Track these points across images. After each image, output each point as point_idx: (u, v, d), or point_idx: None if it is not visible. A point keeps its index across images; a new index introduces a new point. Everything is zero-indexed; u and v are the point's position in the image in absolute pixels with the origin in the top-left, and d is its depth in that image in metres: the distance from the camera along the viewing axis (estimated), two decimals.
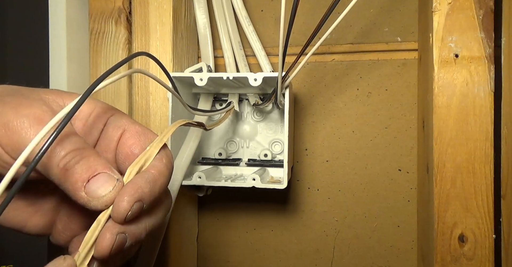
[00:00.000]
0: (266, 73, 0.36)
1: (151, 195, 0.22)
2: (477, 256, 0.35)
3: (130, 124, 0.25)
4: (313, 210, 0.47)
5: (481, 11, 0.35)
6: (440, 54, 0.36)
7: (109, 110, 0.26)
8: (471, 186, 0.35)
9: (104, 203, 0.21)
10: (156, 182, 0.23)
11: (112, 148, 0.25)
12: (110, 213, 0.21)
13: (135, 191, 0.21)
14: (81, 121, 0.25)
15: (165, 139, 0.25)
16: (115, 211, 0.21)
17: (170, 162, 0.25)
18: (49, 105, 0.23)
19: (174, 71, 0.42)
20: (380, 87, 0.45)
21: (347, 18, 0.44)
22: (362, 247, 0.46)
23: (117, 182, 0.22)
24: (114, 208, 0.21)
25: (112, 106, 0.26)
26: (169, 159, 0.25)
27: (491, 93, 0.35)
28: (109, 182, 0.21)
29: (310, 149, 0.47)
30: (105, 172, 0.22)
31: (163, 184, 0.24)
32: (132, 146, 0.24)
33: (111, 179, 0.22)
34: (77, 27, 0.44)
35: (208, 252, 0.50)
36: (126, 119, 0.25)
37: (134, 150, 0.24)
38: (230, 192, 0.48)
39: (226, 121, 0.46)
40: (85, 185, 0.21)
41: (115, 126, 0.25)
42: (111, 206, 0.21)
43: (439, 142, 0.36)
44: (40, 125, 0.20)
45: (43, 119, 0.21)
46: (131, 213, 0.21)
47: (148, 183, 0.22)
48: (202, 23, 0.45)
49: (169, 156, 0.25)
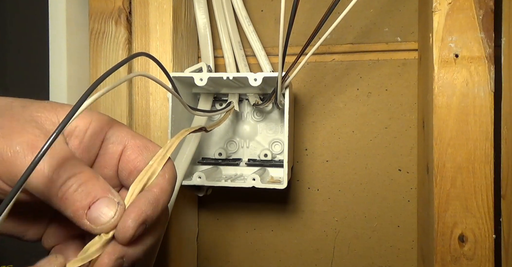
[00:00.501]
0: (266, 73, 0.36)
1: (153, 216, 0.22)
2: (477, 256, 0.35)
3: (130, 139, 0.25)
4: (313, 210, 0.47)
5: (481, 11, 0.35)
6: (440, 54, 0.36)
7: (107, 123, 0.25)
8: (471, 186, 0.35)
9: (107, 229, 0.21)
10: (159, 201, 0.23)
11: (113, 164, 0.25)
12: (112, 234, 0.22)
13: (139, 215, 0.22)
14: (78, 138, 0.24)
15: (169, 154, 0.25)
16: (119, 235, 0.21)
17: (173, 177, 0.25)
18: (42, 127, 0.22)
19: (174, 71, 0.42)
20: (380, 87, 0.45)
21: (347, 18, 0.44)
22: (362, 247, 0.46)
23: (118, 206, 0.22)
24: (119, 232, 0.21)
25: (109, 118, 0.25)
26: (172, 173, 0.25)
27: (491, 93, 0.35)
28: (110, 207, 0.21)
29: (310, 149, 0.47)
30: (105, 196, 0.22)
31: (165, 202, 0.24)
32: (135, 161, 0.24)
33: (112, 203, 0.22)
34: (77, 27, 0.44)
35: (208, 252, 0.50)
36: (126, 132, 0.25)
37: (137, 166, 0.24)
38: (230, 192, 0.48)
39: (226, 121, 0.46)
40: (87, 212, 0.21)
41: (115, 141, 0.25)
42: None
43: (439, 142, 0.36)
44: (34, 152, 0.20)
45: (36, 145, 0.21)
46: (135, 236, 0.21)
47: (151, 205, 0.22)
48: (202, 23, 0.45)
49: (172, 171, 0.25)
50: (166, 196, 0.24)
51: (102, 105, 0.43)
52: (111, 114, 0.43)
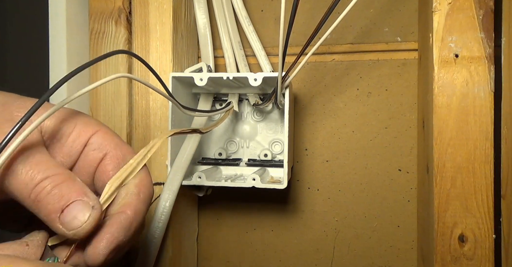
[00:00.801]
0: (266, 73, 0.36)
1: (126, 240, 0.22)
2: (477, 256, 0.35)
3: (112, 148, 0.24)
4: (313, 210, 0.47)
5: (481, 11, 0.35)
6: (440, 54, 0.36)
7: (92, 128, 0.24)
8: (471, 186, 0.35)
9: (81, 233, 0.21)
10: (132, 224, 0.22)
11: (90, 172, 0.24)
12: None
13: (111, 242, 0.21)
14: (59, 142, 0.23)
15: (150, 154, 0.24)
16: (89, 260, 0.21)
17: (149, 196, 0.24)
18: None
19: (174, 71, 0.42)
20: (380, 87, 0.45)
21: (347, 18, 0.44)
22: (362, 247, 0.46)
23: (92, 210, 0.21)
24: (89, 258, 0.21)
25: (96, 122, 0.25)
26: (148, 192, 0.24)
27: (491, 93, 0.35)
28: (84, 211, 0.21)
29: (310, 149, 0.47)
30: (79, 199, 0.21)
31: (139, 224, 0.23)
32: (111, 174, 0.24)
33: (86, 207, 0.21)
34: (77, 27, 0.44)
35: (208, 252, 0.50)
36: (110, 140, 0.24)
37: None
38: (230, 192, 0.48)
39: (226, 121, 0.46)
40: (60, 216, 0.20)
41: (97, 148, 0.24)
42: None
43: (439, 142, 0.36)
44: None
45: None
46: (106, 262, 0.21)
47: (123, 230, 0.22)
48: (202, 23, 0.45)
49: (148, 189, 0.24)
50: (140, 217, 0.23)
51: (102, 105, 0.43)
52: (111, 114, 0.43)
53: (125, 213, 0.22)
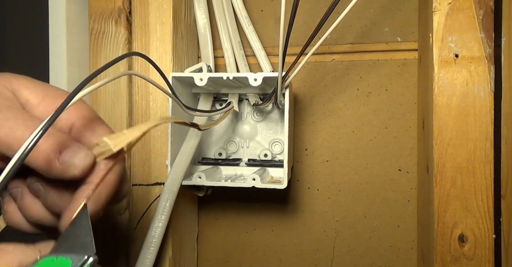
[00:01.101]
0: (266, 73, 0.36)
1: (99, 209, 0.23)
2: (477, 256, 0.35)
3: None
4: (313, 210, 0.47)
5: (481, 11, 0.35)
6: (440, 54, 0.36)
7: (90, 124, 0.25)
8: (471, 186, 0.35)
9: (81, 169, 0.22)
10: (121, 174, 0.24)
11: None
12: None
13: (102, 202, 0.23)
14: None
15: (144, 128, 0.23)
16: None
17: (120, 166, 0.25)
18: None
19: (174, 71, 0.42)
20: (380, 87, 0.45)
21: (347, 18, 0.44)
22: (362, 247, 0.46)
23: (88, 151, 0.22)
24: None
25: (95, 117, 0.25)
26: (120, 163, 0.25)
27: (491, 93, 0.35)
28: (81, 152, 0.22)
29: (310, 149, 0.47)
30: (75, 144, 0.22)
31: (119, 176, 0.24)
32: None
33: (82, 148, 0.22)
34: (77, 27, 0.44)
35: (208, 252, 0.50)
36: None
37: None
38: (230, 192, 0.48)
39: (226, 121, 0.46)
40: (58, 157, 0.21)
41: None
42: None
43: (439, 142, 0.36)
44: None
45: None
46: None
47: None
48: (202, 23, 0.45)
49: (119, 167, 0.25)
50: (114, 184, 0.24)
51: (102, 105, 0.43)
52: (111, 114, 0.43)
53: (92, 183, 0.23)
